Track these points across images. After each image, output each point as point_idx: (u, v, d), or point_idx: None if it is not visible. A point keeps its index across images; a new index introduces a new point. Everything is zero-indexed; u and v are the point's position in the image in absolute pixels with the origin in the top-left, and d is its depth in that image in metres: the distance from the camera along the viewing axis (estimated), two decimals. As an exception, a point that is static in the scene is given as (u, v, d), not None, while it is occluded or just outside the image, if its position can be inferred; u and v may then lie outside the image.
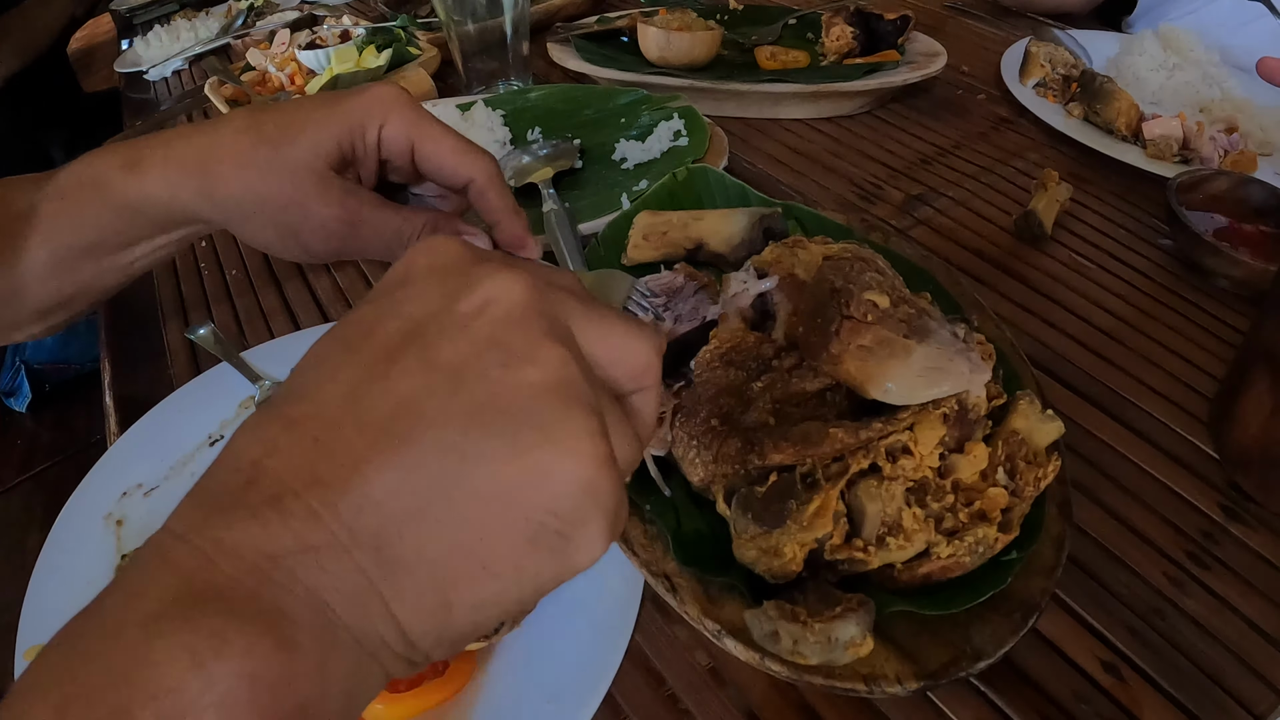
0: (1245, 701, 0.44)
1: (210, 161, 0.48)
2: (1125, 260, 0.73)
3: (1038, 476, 0.43)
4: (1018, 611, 0.41)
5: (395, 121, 0.49)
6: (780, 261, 0.50)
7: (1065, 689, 0.44)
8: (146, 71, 1.41)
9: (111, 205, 0.50)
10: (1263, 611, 0.48)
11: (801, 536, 0.40)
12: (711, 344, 0.46)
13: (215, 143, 0.49)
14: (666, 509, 0.46)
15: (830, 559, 0.41)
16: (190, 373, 0.69)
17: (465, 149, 0.50)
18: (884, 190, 0.83)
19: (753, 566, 0.42)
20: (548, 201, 0.72)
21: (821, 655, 0.38)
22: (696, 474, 0.45)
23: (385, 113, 0.49)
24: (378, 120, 0.49)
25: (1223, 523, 0.53)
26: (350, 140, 0.49)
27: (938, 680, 0.39)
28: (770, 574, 0.42)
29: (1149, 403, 0.60)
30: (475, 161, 0.50)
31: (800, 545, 0.40)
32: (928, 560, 0.41)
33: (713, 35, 0.94)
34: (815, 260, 0.49)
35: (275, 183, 0.48)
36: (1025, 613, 0.41)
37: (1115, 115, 0.87)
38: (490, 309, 0.28)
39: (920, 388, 0.41)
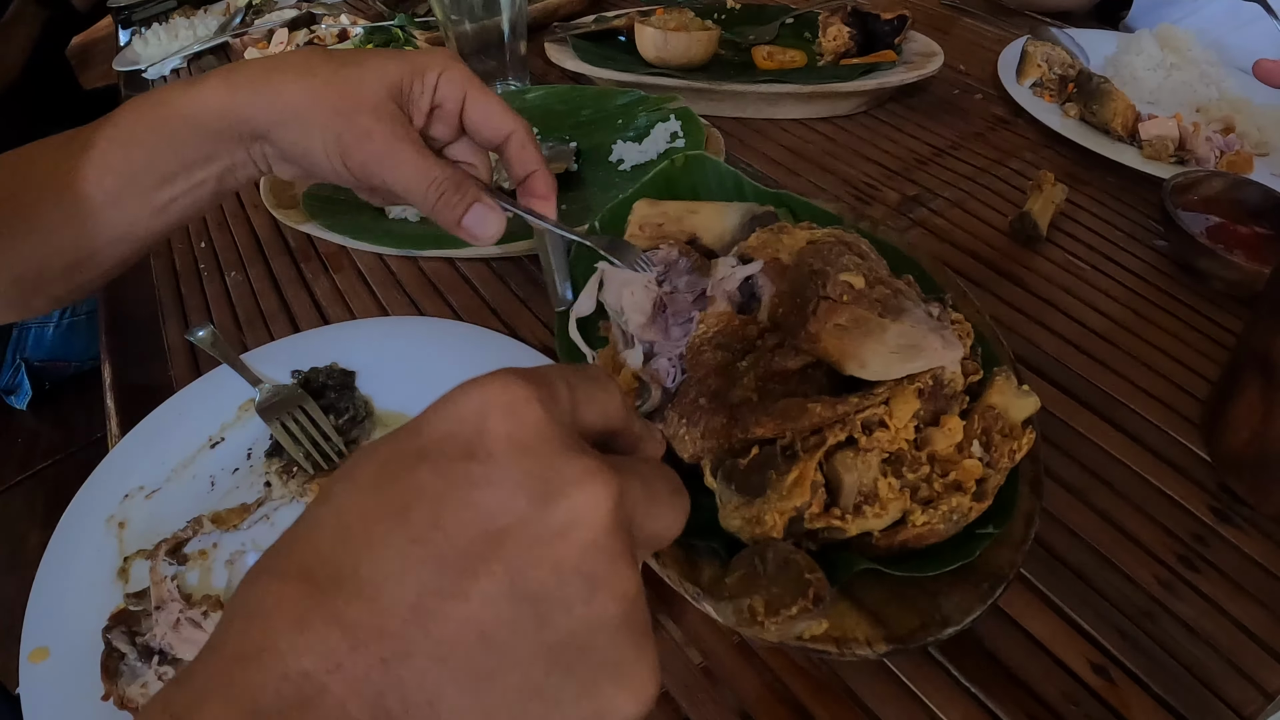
0: (1234, 704, 0.45)
1: (273, 72, 0.52)
2: (1120, 262, 0.73)
3: (1012, 449, 0.45)
4: (985, 582, 0.42)
5: (452, 74, 0.53)
6: (765, 246, 0.51)
7: (1054, 690, 0.45)
8: (145, 70, 1.41)
9: (167, 121, 0.53)
10: (1253, 614, 0.49)
11: (781, 505, 0.42)
12: (700, 328, 0.48)
13: (278, 62, 0.53)
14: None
15: (810, 527, 0.43)
16: (190, 374, 0.69)
17: (507, 108, 0.55)
18: (880, 191, 0.84)
19: (737, 534, 0.44)
20: None
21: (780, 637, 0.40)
22: (687, 450, 0.46)
23: (444, 65, 0.53)
24: (438, 69, 0.53)
25: (1214, 525, 0.53)
26: (411, 79, 0.52)
27: (906, 644, 0.40)
28: (753, 541, 0.43)
29: (1141, 405, 0.60)
30: (517, 119, 0.55)
31: (780, 514, 0.42)
32: (904, 528, 0.43)
33: (709, 35, 0.94)
34: (799, 245, 0.50)
35: (335, 91, 0.51)
36: (993, 583, 0.42)
37: (1111, 115, 0.88)
38: (578, 531, 0.25)
39: (894, 363, 0.43)
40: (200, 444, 0.61)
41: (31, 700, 0.47)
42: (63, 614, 0.51)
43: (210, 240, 0.88)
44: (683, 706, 0.45)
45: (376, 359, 0.65)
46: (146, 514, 0.57)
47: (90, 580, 0.53)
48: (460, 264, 0.77)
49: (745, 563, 0.42)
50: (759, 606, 0.39)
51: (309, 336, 0.69)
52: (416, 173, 0.52)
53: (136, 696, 0.48)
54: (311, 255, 0.82)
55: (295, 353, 0.67)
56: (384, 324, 0.70)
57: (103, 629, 0.49)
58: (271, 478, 0.58)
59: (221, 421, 0.63)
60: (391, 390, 0.63)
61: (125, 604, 0.51)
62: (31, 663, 0.49)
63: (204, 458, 0.60)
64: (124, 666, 0.48)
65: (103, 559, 0.54)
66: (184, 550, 0.54)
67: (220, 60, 1.40)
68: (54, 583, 0.53)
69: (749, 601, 0.39)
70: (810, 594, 0.39)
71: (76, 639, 0.50)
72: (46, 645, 0.50)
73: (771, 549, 0.42)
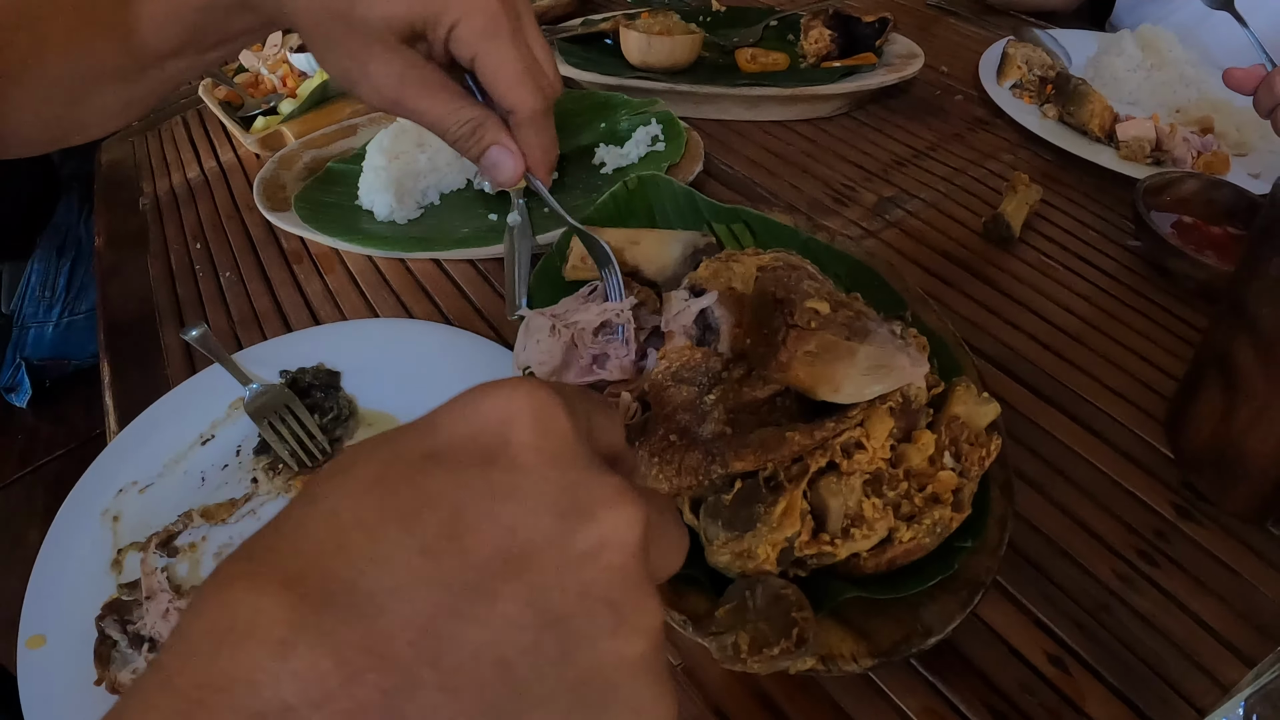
0: (1189, 696, 0.46)
1: None
2: (1093, 262, 0.75)
3: (981, 456, 0.46)
4: (964, 590, 0.44)
5: (467, 26, 0.49)
6: (717, 276, 0.52)
7: (1011, 680, 0.46)
8: None
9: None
10: (1211, 609, 0.50)
11: (772, 537, 0.42)
12: (661, 364, 0.49)
13: None
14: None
15: (800, 555, 0.43)
16: (186, 373, 0.71)
17: (519, 81, 0.50)
18: (857, 192, 0.85)
19: (726, 571, 0.44)
20: (513, 212, 0.75)
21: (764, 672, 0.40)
22: (661, 488, 0.46)
23: (462, 14, 0.49)
24: (453, 17, 0.49)
25: (1175, 521, 0.54)
26: (423, 23, 0.49)
27: (891, 657, 0.41)
28: (743, 575, 0.44)
29: (1107, 403, 0.61)
30: (523, 97, 0.51)
31: (772, 546, 0.43)
32: (891, 546, 0.44)
33: (693, 39, 0.95)
34: (750, 272, 0.51)
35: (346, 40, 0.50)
36: (971, 591, 0.44)
37: (1089, 117, 0.89)
38: (606, 555, 0.23)
39: (867, 385, 0.44)
40: (192, 441, 0.63)
41: (28, 685, 0.49)
42: (58, 603, 0.53)
43: (205, 241, 0.89)
44: None
45: (361, 360, 0.67)
46: (139, 508, 0.59)
47: (85, 571, 0.55)
48: (447, 265, 0.78)
49: (736, 595, 0.42)
50: (743, 644, 0.40)
51: (298, 337, 0.71)
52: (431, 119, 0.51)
53: (128, 681, 0.50)
54: (304, 256, 0.83)
55: (284, 353, 0.68)
56: (369, 326, 0.72)
57: (96, 617, 0.51)
58: (258, 474, 0.60)
59: (212, 419, 0.64)
60: (374, 390, 0.65)
61: (118, 594, 0.53)
62: (29, 649, 0.51)
63: (195, 454, 0.62)
64: (116, 653, 0.51)
65: (97, 551, 0.56)
66: (174, 543, 0.56)
67: None
68: (50, 573, 0.55)
69: (734, 638, 0.40)
70: (795, 634, 0.40)
71: (71, 627, 0.51)
72: (43, 633, 0.52)
73: (762, 584, 0.42)
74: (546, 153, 0.54)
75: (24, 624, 0.52)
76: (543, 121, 0.53)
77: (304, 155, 0.92)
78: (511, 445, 0.23)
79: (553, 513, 0.22)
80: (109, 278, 0.88)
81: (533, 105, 0.51)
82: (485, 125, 0.51)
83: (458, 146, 0.52)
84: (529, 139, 0.53)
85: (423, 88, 0.50)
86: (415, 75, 0.50)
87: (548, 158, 0.54)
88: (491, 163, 0.53)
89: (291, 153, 0.93)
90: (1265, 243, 0.50)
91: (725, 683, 0.47)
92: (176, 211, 0.97)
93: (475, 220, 0.80)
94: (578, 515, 0.22)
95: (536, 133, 0.53)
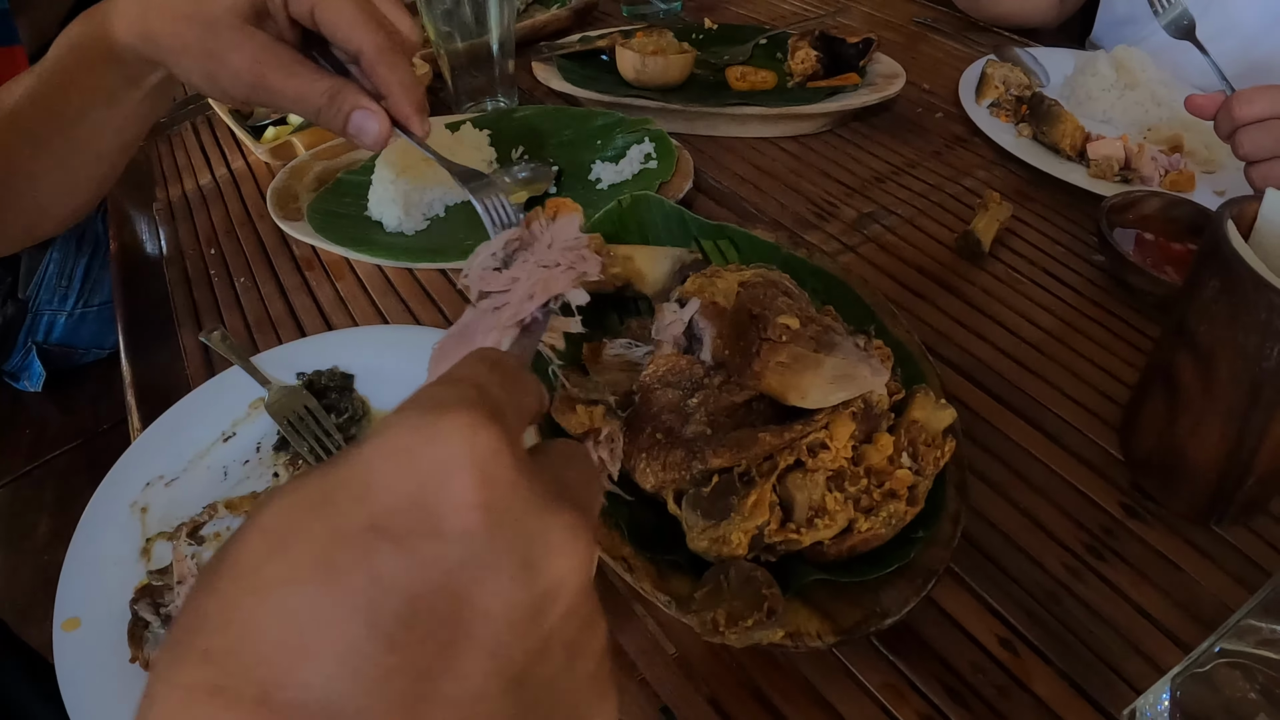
0: (1129, 678, 0.50)
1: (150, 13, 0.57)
2: (1058, 276, 0.79)
3: (937, 456, 0.51)
4: (919, 577, 0.49)
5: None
6: (701, 290, 0.57)
7: (964, 660, 0.51)
8: None
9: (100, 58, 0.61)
10: (1153, 600, 0.54)
11: (744, 525, 0.47)
12: (650, 368, 0.53)
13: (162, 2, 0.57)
14: (620, 506, 0.53)
15: (769, 542, 0.49)
16: (205, 373, 0.75)
17: (358, 21, 0.53)
18: (838, 208, 0.89)
19: (705, 555, 0.49)
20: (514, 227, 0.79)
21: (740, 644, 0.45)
22: (648, 481, 0.51)
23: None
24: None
25: (1122, 519, 0.58)
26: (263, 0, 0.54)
27: (852, 635, 0.46)
28: (720, 558, 0.49)
29: (1065, 410, 0.66)
30: (365, 35, 0.52)
31: (744, 533, 0.48)
32: (851, 535, 0.48)
33: (685, 59, 1.00)
34: (731, 287, 0.56)
35: (196, 34, 0.54)
36: (925, 578, 0.49)
37: (1061, 136, 0.94)
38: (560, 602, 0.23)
39: (831, 393, 0.49)
40: (214, 438, 0.67)
41: (65, 663, 0.53)
42: (91, 588, 0.57)
43: (219, 247, 0.93)
44: (659, 693, 0.50)
45: (374, 363, 0.71)
46: (166, 500, 0.63)
47: (115, 558, 0.59)
48: (452, 275, 0.83)
49: (712, 578, 0.47)
50: (720, 619, 0.45)
51: (312, 341, 0.75)
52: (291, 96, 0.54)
53: None
54: (315, 264, 0.87)
55: (300, 356, 0.73)
56: (381, 331, 0.76)
57: (130, 600, 0.55)
58: (279, 469, 0.64)
59: (234, 418, 0.69)
60: (387, 392, 0.70)
61: (149, 579, 0.57)
62: (65, 631, 0.55)
63: (217, 450, 0.66)
64: (149, 634, 0.55)
65: (127, 540, 0.60)
66: (201, 532, 0.60)
67: None
68: (83, 561, 0.59)
69: (712, 614, 0.45)
70: (765, 608, 0.45)
71: (104, 610, 0.55)
72: (78, 616, 0.55)
73: (734, 567, 0.47)
74: (408, 91, 0.54)
75: (59, 608, 0.56)
76: (392, 58, 0.54)
77: (314, 166, 0.97)
78: (457, 508, 0.22)
79: (504, 576, 0.22)
80: (127, 281, 0.92)
81: (375, 41, 0.53)
82: (343, 92, 0.54)
83: (321, 121, 0.54)
84: (384, 77, 0.54)
85: (279, 67, 0.53)
86: (269, 56, 0.53)
87: (410, 96, 0.54)
88: (357, 127, 0.54)
89: (302, 163, 0.97)
90: (1204, 265, 0.55)
91: (710, 666, 0.51)
92: (190, 217, 1.01)
93: (479, 232, 0.85)
94: (529, 571, 0.22)
95: (390, 69, 0.54)
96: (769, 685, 0.50)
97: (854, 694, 0.49)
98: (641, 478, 0.51)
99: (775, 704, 0.49)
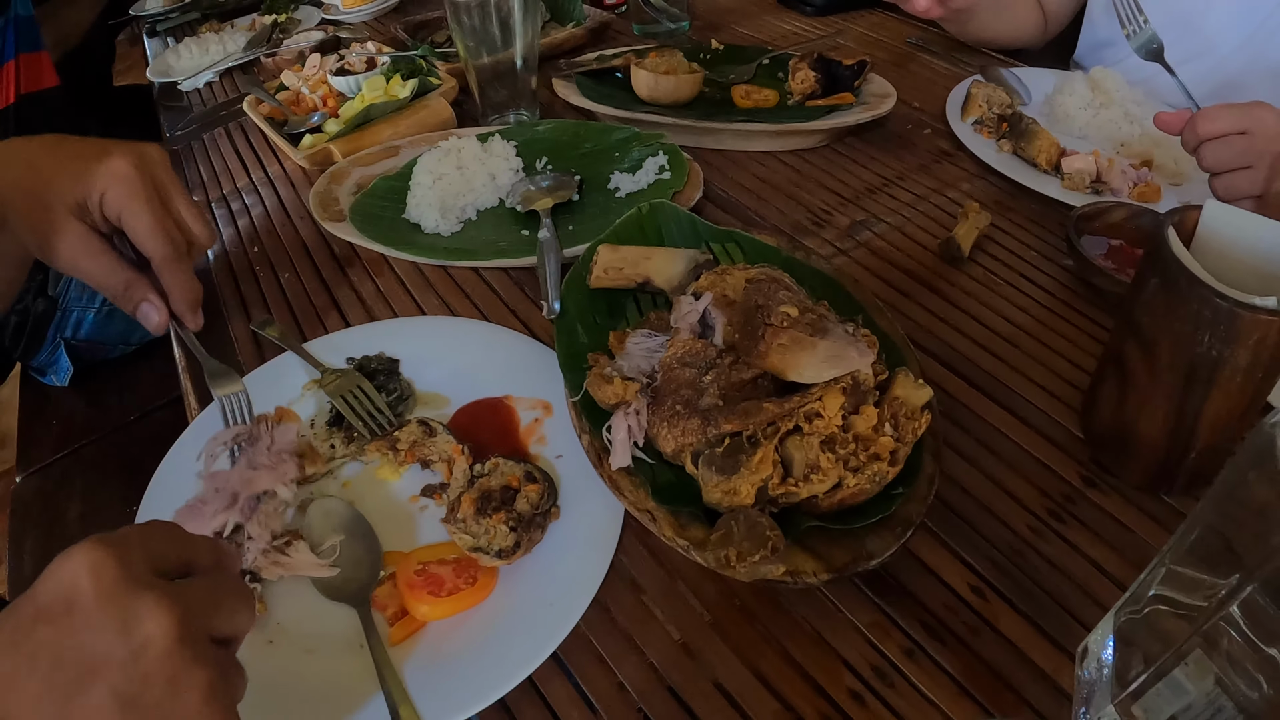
0: (1085, 622, 0.57)
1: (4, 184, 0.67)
2: (1031, 278, 0.87)
3: (915, 427, 0.59)
4: (899, 527, 0.57)
5: (111, 196, 0.67)
6: (713, 286, 0.66)
7: (940, 603, 0.58)
8: (180, 82, 1.53)
9: None
10: (1107, 557, 0.60)
11: (751, 479, 0.56)
12: (670, 350, 0.62)
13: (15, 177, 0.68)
14: (644, 469, 0.61)
15: (772, 494, 0.57)
16: (255, 360, 0.82)
17: (152, 232, 0.68)
18: (833, 216, 0.97)
19: (717, 506, 0.58)
20: (543, 229, 0.87)
21: (749, 578, 0.53)
22: (669, 446, 0.60)
23: (106, 185, 0.67)
24: (99, 190, 0.67)
25: (1081, 489, 0.66)
26: (84, 196, 0.67)
27: (842, 573, 0.54)
28: (730, 508, 0.57)
29: (1032, 394, 0.73)
30: (155, 244, 0.68)
31: (751, 485, 0.56)
32: (841, 490, 0.57)
33: (694, 78, 1.08)
34: (739, 283, 0.65)
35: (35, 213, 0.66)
36: (904, 527, 0.57)
37: (1037, 152, 1.02)
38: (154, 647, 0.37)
39: (824, 370, 0.57)
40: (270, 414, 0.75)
41: None
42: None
43: (261, 244, 1.01)
44: (666, 677, 0.55)
45: (416, 350, 0.79)
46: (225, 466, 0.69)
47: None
48: (484, 273, 0.91)
49: (724, 525, 0.55)
50: (732, 555, 0.53)
51: (358, 330, 0.83)
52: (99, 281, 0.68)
53: None
54: (355, 261, 0.95)
55: (348, 343, 0.80)
56: (421, 322, 0.84)
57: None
58: (335, 442, 0.72)
59: (289, 399, 0.76)
60: (428, 375, 0.77)
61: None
62: None
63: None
64: None
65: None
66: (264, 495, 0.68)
67: (250, 76, 1.51)
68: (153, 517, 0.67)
69: (725, 552, 0.53)
70: (769, 546, 0.53)
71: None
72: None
73: (743, 514, 0.55)
74: (185, 293, 0.71)
75: None
76: (176, 266, 0.70)
77: (352, 172, 1.05)
78: (80, 593, 0.36)
79: (112, 631, 0.36)
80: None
81: (164, 252, 0.68)
82: (134, 285, 0.69)
83: (117, 303, 0.70)
84: (167, 279, 0.70)
85: (89, 255, 0.67)
86: (83, 245, 0.67)
87: (187, 297, 0.71)
88: (143, 315, 0.71)
89: (341, 169, 1.05)
90: (1147, 266, 0.63)
91: (726, 614, 0.59)
92: (231, 217, 1.09)
93: (510, 234, 0.93)
94: (128, 629, 0.36)
95: (172, 274, 0.70)
96: (774, 626, 0.58)
97: (846, 630, 0.57)
98: (664, 443, 0.59)
99: (781, 641, 0.57)
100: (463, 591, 0.59)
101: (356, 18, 1.71)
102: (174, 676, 0.37)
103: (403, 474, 0.69)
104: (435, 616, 0.58)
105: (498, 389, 0.74)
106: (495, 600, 0.59)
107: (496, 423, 0.71)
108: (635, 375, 0.61)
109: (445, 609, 0.58)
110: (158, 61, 1.63)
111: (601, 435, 0.62)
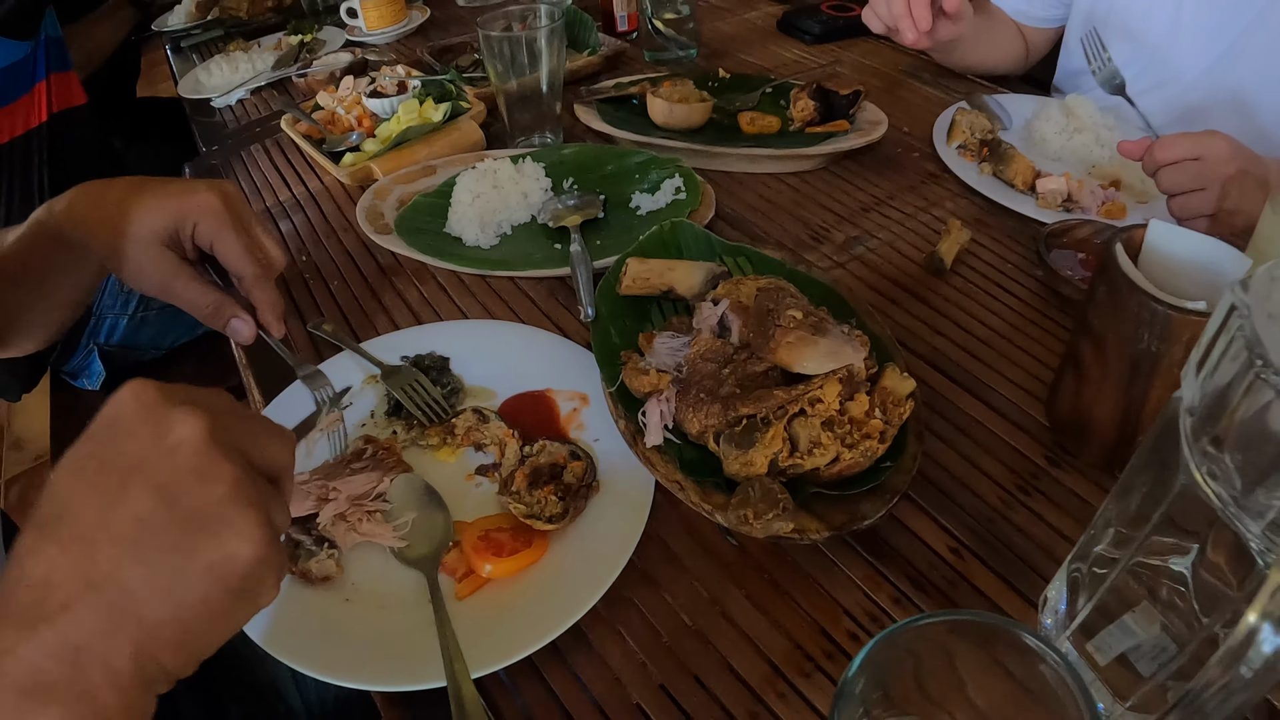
0: (1045, 576, 0.64)
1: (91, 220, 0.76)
2: (1006, 288, 0.96)
3: (900, 413, 0.70)
4: (888, 493, 0.67)
5: (203, 227, 0.75)
6: (729, 293, 0.76)
7: (923, 560, 0.68)
8: (212, 99, 1.61)
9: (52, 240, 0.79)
10: (1068, 526, 0.68)
11: (764, 452, 0.66)
12: (694, 348, 0.73)
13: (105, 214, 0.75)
14: (673, 447, 0.71)
15: (781, 466, 0.67)
16: (311, 358, 0.89)
17: (242, 255, 0.76)
18: (830, 233, 1.07)
19: (735, 477, 0.67)
20: (574, 243, 0.97)
21: (763, 534, 0.63)
22: (694, 428, 0.70)
23: (199, 217, 0.75)
24: (192, 221, 0.75)
25: (1045, 468, 0.74)
26: (176, 229, 0.75)
27: (840, 531, 0.64)
28: (746, 478, 0.66)
29: (1004, 388, 0.83)
30: (245, 265, 0.76)
31: (765, 457, 0.66)
32: (838, 463, 0.67)
33: (705, 106, 1.19)
34: (751, 291, 0.76)
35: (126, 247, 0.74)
36: (892, 494, 0.67)
37: (1014, 174, 1.12)
38: (185, 446, 0.41)
39: (824, 364, 0.68)
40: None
41: None
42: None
43: (309, 254, 1.10)
44: (692, 621, 0.64)
45: (463, 349, 0.88)
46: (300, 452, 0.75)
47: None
48: (520, 282, 1.00)
49: (742, 491, 0.65)
50: (750, 514, 0.63)
51: (410, 332, 0.93)
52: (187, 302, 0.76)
53: (312, 569, 0.69)
54: (399, 270, 1.05)
55: (401, 344, 0.90)
56: (467, 324, 0.94)
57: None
58: (396, 429, 0.82)
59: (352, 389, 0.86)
60: (476, 371, 0.87)
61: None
62: None
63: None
64: (301, 550, 0.68)
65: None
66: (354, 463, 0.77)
67: (281, 95, 1.60)
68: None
69: (743, 512, 0.63)
70: (780, 507, 0.63)
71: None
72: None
73: (758, 481, 0.65)
74: (272, 306, 0.79)
75: None
76: (264, 283, 0.79)
77: (394, 189, 1.15)
78: (123, 411, 0.42)
79: (149, 436, 0.41)
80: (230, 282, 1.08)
81: (253, 272, 0.77)
82: (224, 305, 0.78)
83: (207, 321, 0.78)
84: (256, 295, 0.78)
85: (180, 280, 0.76)
86: (175, 271, 0.76)
87: (274, 309, 0.79)
88: (233, 329, 0.79)
89: (383, 186, 1.15)
90: (1098, 275, 0.73)
91: (739, 565, 0.69)
92: (276, 228, 1.17)
93: (543, 247, 1.03)
94: (161, 432, 0.41)
95: (261, 290, 0.79)
96: (783, 578, 0.68)
97: (844, 582, 0.67)
98: (689, 426, 0.70)
99: (789, 591, 0.67)
100: (521, 552, 0.68)
101: (381, 40, 1.79)
102: (202, 470, 0.41)
103: (458, 456, 0.79)
104: (499, 574, 0.68)
105: (539, 383, 0.84)
106: (548, 559, 0.69)
107: (540, 412, 0.81)
108: (664, 369, 0.72)
109: (507, 567, 0.68)
110: (188, 78, 1.71)
111: (636, 419, 0.72)
